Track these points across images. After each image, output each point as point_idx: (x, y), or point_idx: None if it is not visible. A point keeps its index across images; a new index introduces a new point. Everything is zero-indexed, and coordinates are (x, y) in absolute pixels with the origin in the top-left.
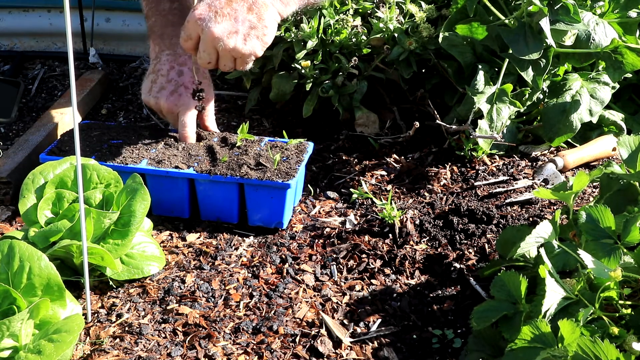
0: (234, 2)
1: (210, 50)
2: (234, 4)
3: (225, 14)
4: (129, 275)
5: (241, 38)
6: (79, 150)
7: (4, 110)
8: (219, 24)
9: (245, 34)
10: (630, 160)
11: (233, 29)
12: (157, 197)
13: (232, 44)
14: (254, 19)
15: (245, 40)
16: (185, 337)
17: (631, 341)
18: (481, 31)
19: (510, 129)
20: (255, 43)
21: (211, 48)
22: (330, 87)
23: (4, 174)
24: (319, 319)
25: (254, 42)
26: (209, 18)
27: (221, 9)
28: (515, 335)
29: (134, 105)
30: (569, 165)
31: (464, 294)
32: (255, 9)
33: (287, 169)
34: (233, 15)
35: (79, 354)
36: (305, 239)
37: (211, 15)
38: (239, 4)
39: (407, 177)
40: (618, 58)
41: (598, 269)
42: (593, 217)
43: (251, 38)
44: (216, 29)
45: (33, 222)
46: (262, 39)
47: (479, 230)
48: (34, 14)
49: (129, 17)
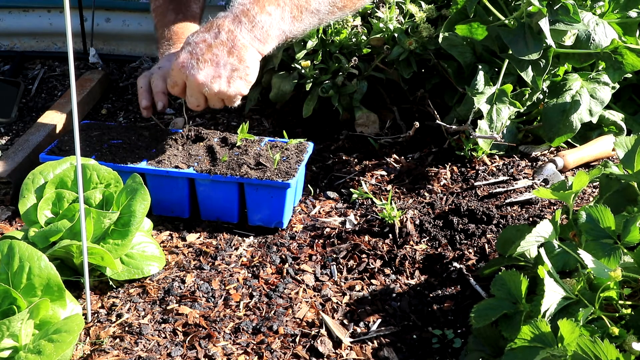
0: (214, 47)
1: (197, 95)
2: (214, 49)
3: (207, 60)
4: (129, 275)
5: (225, 81)
6: (79, 150)
7: (4, 110)
8: (201, 70)
9: (228, 77)
10: (627, 161)
11: (216, 73)
12: (157, 197)
13: (216, 88)
14: (235, 61)
15: (229, 82)
16: (185, 337)
17: (631, 341)
18: (481, 31)
19: (510, 129)
20: (239, 83)
21: (198, 93)
22: (330, 87)
23: (4, 174)
24: (319, 319)
25: (237, 83)
26: (191, 65)
27: (202, 56)
28: (515, 334)
29: (134, 105)
30: (569, 165)
31: (464, 294)
32: (235, 52)
33: (287, 168)
34: (215, 60)
35: (79, 354)
36: (305, 239)
37: (193, 63)
38: (219, 49)
39: (407, 177)
40: (618, 58)
41: (598, 268)
42: (593, 217)
43: (234, 79)
44: (200, 75)
45: (33, 222)
46: (245, 79)
47: (479, 230)
48: (34, 14)
49: (129, 17)
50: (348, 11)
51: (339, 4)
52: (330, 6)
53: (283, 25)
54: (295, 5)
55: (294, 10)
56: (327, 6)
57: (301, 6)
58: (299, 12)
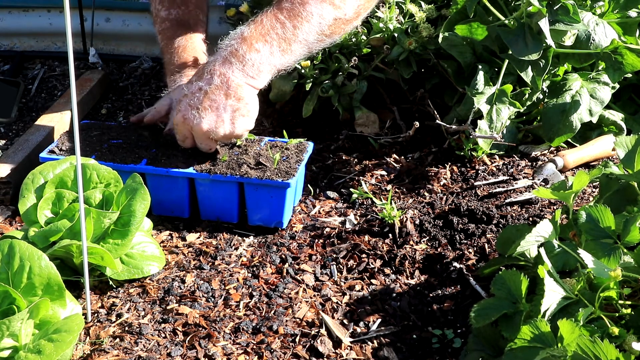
0: (210, 94)
1: (207, 142)
2: (211, 95)
3: (206, 107)
4: (129, 275)
5: (229, 123)
6: (79, 150)
7: (4, 110)
8: (204, 118)
9: (231, 118)
10: (627, 161)
11: (219, 118)
12: (157, 196)
13: (222, 132)
14: (234, 101)
15: (233, 123)
16: (185, 337)
17: (631, 341)
18: (481, 31)
19: (510, 129)
20: (243, 121)
21: (206, 140)
22: (330, 87)
23: (4, 174)
24: (319, 319)
25: (241, 121)
26: (193, 117)
27: (201, 104)
28: (514, 334)
29: (133, 105)
30: (569, 165)
31: (464, 294)
32: (232, 93)
33: (287, 168)
34: (214, 106)
35: (79, 354)
36: (305, 238)
37: (195, 114)
38: (215, 94)
39: (407, 177)
40: (618, 59)
41: (598, 268)
42: (593, 216)
43: (237, 119)
44: (203, 124)
45: (33, 222)
46: (247, 115)
47: (478, 230)
48: (34, 14)
49: (129, 17)
50: (337, 37)
51: (326, 32)
52: (318, 35)
53: (273, 59)
54: (283, 39)
55: (282, 44)
56: (315, 35)
57: (289, 39)
58: (287, 44)
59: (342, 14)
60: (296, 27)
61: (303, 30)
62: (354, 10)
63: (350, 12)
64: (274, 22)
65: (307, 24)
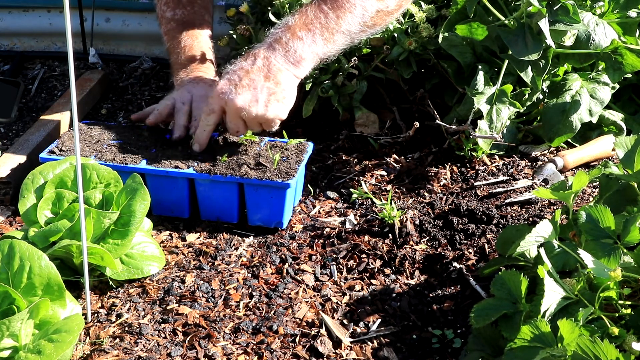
0: (251, 73)
1: (237, 120)
2: (251, 74)
3: (244, 85)
4: (129, 275)
5: (262, 104)
6: (79, 150)
7: (4, 110)
8: (240, 95)
9: (266, 101)
10: (627, 161)
11: (254, 97)
12: (157, 197)
13: (254, 111)
14: (272, 85)
15: (266, 106)
16: (185, 337)
17: (631, 341)
18: (481, 32)
19: (510, 129)
20: (277, 106)
21: (237, 118)
22: (330, 87)
23: (4, 174)
24: (319, 319)
25: (275, 106)
26: (229, 91)
27: (240, 82)
28: (514, 334)
29: (133, 105)
30: (568, 165)
31: (464, 294)
32: (271, 76)
33: (287, 168)
34: (252, 85)
35: (79, 354)
36: (305, 239)
37: (231, 88)
38: (255, 74)
39: (407, 177)
40: (618, 59)
41: (598, 268)
42: (593, 217)
43: (272, 103)
44: (238, 100)
45: (33, 222)
46: (282, 102)
47: (478, 230)
48: (34, 14)
49: (129, 17)
50: (379, 28)
51: (369, 23)
52: (360, 26)
53: (315, 48)
54: (326, 28)
55: (324, 33)
56: (357, 26)
57: (332, 28)
58: (330, 34)
59: (385, 5)
60: (339, 17)
61: (346, 21)
62: (396, 2)
63: (392, 4)
64: (318, 12)
65: (350, 14)
